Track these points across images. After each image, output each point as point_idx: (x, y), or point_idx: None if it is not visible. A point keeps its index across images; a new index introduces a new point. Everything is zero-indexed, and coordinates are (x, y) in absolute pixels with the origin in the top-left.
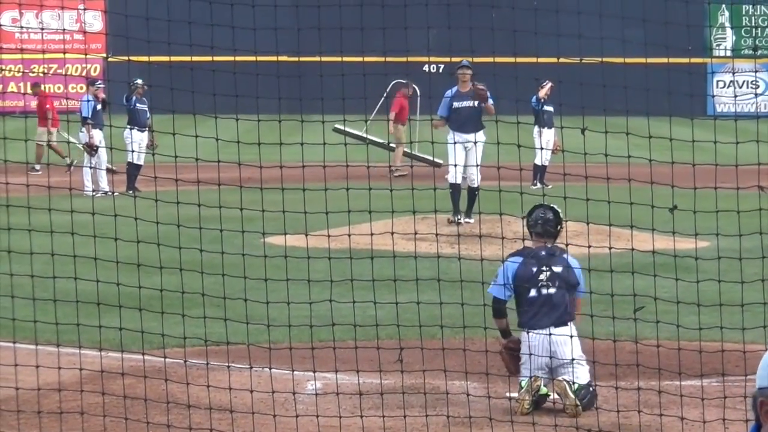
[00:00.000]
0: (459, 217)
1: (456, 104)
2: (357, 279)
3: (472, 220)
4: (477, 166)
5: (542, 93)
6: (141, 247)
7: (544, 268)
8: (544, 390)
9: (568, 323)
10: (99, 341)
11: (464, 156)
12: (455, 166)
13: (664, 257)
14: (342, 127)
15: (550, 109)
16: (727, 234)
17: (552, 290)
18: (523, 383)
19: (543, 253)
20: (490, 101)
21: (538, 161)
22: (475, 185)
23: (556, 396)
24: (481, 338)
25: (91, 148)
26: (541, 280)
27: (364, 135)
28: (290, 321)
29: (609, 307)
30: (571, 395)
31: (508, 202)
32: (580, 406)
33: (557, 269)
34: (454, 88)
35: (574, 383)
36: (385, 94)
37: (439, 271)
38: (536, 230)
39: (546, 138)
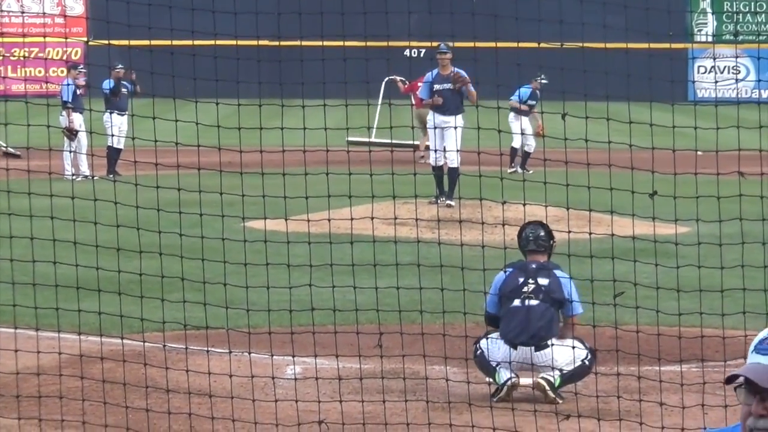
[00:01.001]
0: (443, 198)
1: (436, 87)
2: (337, 264)
3: (453, 203)
4: (457, 151)
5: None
6: (121, 231)
7: (530, 280)
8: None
9: (549, 345)
10: (78, 325)
11: (443, 138)
12: (435, 150)
13: (644, 243)
14: (356, 139)
15: (533, 102)
16: (707, 220)
17: (534, 302)
18: (498, 378)
19: (533, 266)
20: (471, 87)
21: (516, 144)
22: (454, 165)
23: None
24: (460, 323)
25: (71, 132)
26: (525, 292)
27: (382, 140)
28: (270, 305)
29: (589, 293)
30: (551, 395)
31: (489, 186)
32: (559, 399)
33: (543, 282)
34: (435, 71)
35: (555, 378)
36: (381, 90)
37: (419, 255)
38: (529, 248)
39: (523, 125)
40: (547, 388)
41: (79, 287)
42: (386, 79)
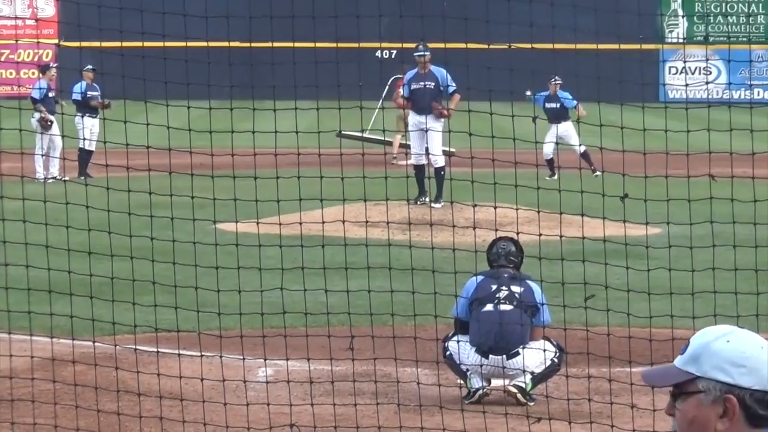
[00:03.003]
0: (423, 198)
1: (414, 86)
2: (308, 266)
3: (439, 205)
4: (449, 153)
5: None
6: (92, 234)
7: (503, 287)
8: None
9: (520, 352)
10: (50, 328)
11: (423, 138)
12: (416, 149)
13: (615, 245)
14: (348, 132)
15: (552, 105)
16: (678, 222)
17: (508, 307)
18: (470, 383)
19: (506, 275)
20: (452, 104)
21: (546, 155)
22: (439, 165)
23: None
24: (432, 326)
25: (46, 122)
26: (498, 297)
27: (368, 135)
28: (241, 308)
29: (560, 295)
30: (523, 400)
31: (459, 188)
32: (531, 402)
33: (516, 289)
34: (414, 70)
35: (526, 383)
36: (387, 87)
37: (390, 258)
38: (500, 263)
39: (559, 131)
40: (519, 394)
41: (51, 290)
42: (393, 77)
